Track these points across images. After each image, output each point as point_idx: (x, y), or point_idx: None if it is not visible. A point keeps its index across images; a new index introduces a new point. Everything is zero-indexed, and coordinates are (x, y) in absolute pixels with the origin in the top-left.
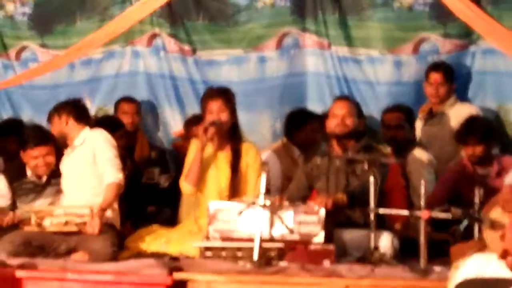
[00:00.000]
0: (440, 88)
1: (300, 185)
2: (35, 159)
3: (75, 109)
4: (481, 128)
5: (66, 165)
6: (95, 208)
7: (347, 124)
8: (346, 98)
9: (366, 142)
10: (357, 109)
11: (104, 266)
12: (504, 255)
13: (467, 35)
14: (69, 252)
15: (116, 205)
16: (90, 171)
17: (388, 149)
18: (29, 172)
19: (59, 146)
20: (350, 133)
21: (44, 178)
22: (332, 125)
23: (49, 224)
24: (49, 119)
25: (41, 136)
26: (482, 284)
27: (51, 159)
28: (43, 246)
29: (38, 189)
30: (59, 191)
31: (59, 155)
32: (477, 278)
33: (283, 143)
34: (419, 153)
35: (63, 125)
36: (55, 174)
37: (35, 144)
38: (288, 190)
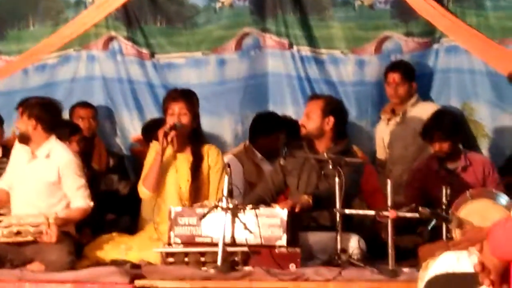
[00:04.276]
0: (400, 88)
1: (275, 179)
2: None
3: (49, 118)
4: (448, 124)
5: (22, 173)
6: (51, 217)
7: (305, 126)
8: (311, 97)
9: (345, 147)
10: (326, 107)
11: (63, 275)
12: (481, 268)
13: (430, 33)
14: (25, 263)
15: None
16: (49, 189)
17: None
18: None
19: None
20: (308, 135)
21: None
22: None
23: (0, 234)
24: (18, 111)
25: None
26: (453, 279)
27: None
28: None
29: None
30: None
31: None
32: (448, 273)
33: (245, 147)
34: None
35: (30, 128)
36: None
37: None
38: (262, 184)
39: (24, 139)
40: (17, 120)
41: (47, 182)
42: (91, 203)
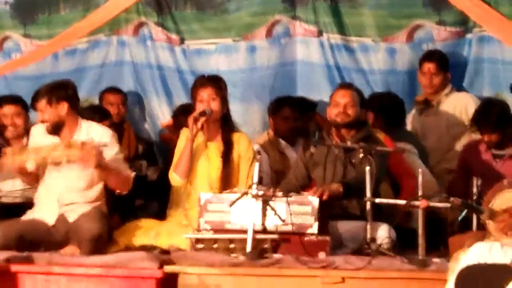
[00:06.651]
0: (434, 78)
1: (298, 173)
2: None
3: (76, 96)
4: (495, 115)
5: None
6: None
7: (349, 113)
8: (349, 86)
9: (367, 132)
10: (359, 97)
11: (92, 260)
12: None
13: (462, 22)
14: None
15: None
16: (89, 172)
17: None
18: None
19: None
20: (351, 123)
21: None
22: (333, 113)
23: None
24: (35, 104)
25: (12, 96)
26: (485, 270)
27: (19, 121)
28: (36, 240)
29: None
30: None
31: None
32: (479, 264)
33: (269, 136)
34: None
35: (63, 112)
36: None
37: (4, 102)
38: (286, 179)
39: (58, 128)
40: (44, 112)
41: None
42: (133, 173)
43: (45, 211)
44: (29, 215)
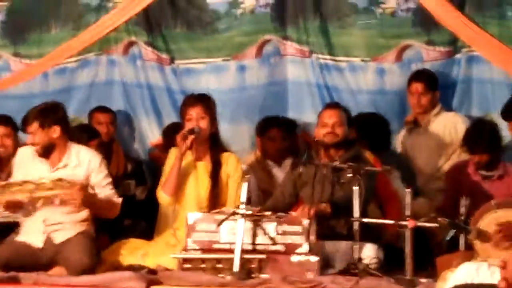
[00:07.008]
0: (423, 98)
1: (285, 192)
2: None
3: (67, 119)
4: (487, 136)
5: None
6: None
7: (337, 133)
8: (336, 105)
9: (356, 152)
10: (347, 116)
11: (79, 279)
12: (505, 285)
13: (452, 42)
14: (46, 267)
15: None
16: None
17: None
18: None
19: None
20: (339, 143)
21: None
22: (321, 134)
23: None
24: (25, 127)
25: (1, 117)
26: None
27: (8, 142)
28: (22, 266)
29: None
30: None
31: None
32: (467, 285)
33: (256, 156)
34: None
35: (55, 135)
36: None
37: None
38: (273, 197)
39: (48, 151)
40: (35, 135)
41: None
42: (120, 199)
43: (31, 233)
44: (14, 238)
